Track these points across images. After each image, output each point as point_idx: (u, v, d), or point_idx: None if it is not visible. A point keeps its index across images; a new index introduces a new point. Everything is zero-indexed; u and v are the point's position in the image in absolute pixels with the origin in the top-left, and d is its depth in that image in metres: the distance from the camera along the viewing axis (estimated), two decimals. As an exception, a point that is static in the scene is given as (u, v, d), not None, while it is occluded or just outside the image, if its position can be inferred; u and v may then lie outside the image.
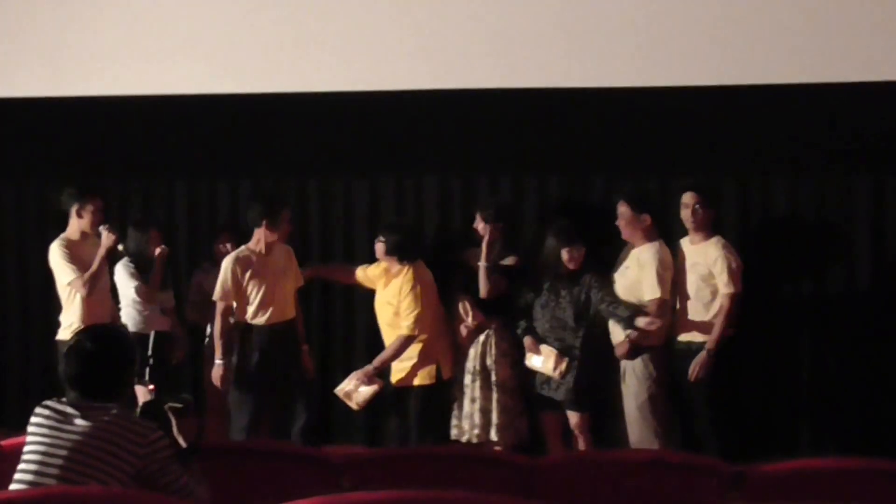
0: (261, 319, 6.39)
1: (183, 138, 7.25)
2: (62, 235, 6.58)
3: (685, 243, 6.44)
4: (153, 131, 7.25)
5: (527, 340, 6.38)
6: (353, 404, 6.39)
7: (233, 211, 7.29)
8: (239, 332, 6.43)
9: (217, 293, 6.43)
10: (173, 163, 7.33)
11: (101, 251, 6.41)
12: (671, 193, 6.63)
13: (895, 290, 6.72)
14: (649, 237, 6.42)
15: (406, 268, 6.34)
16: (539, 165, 7.03)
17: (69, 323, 6.48)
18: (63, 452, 3.49)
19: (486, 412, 6.34)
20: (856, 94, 6.60)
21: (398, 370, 6.41)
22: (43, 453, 3.52)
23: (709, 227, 6.39)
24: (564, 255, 6.29)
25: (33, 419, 3.58)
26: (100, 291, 6.54)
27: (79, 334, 3.73)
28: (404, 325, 6.32)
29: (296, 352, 6.51)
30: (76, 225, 6.56)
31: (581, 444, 6.37)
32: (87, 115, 7.27)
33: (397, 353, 6.34)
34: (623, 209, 6.42)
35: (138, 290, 6.63)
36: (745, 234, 6.78)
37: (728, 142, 6.83)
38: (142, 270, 6.73)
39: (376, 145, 7.12)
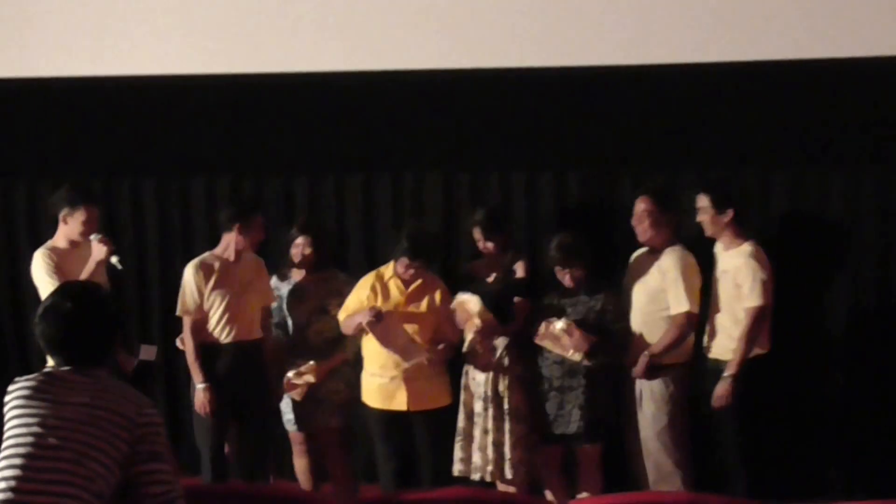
0: (225, 337, 5.90)
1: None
2: (47, 244, 5.94)
3: (718, 249, 5.99)
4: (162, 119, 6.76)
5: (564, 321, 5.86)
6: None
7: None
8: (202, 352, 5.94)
9: (181, 307, 5.91)
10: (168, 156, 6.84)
11: (91, 264, 5.78)
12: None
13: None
14: (670, 240, 5.97)
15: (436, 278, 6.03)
16: (542, 158, 6.61)
17: None
18: (60, 425, 3.27)
19: (499, 445, 5.88)
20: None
21: (413, 391, 5.91)
22: (38, 425, 3.28)
23: (734, 230, 5.90)
24: (561, 275, 5.92)
25: (16, 393, 3.35)
26: None
27: (55, 293, 3.49)
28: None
29: (260, 377, 5.99)
30: (64, 232, 5.91)
31: (589, 480, 5.97)
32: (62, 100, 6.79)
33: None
34: (645, 206, 5.96)
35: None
36: (774, 236, 6.29)
37: (756, 128, 6.37)
38: None
39: (373, 134, 6.69)
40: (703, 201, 5.90)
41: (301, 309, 6.09)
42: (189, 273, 5.88)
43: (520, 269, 6.01)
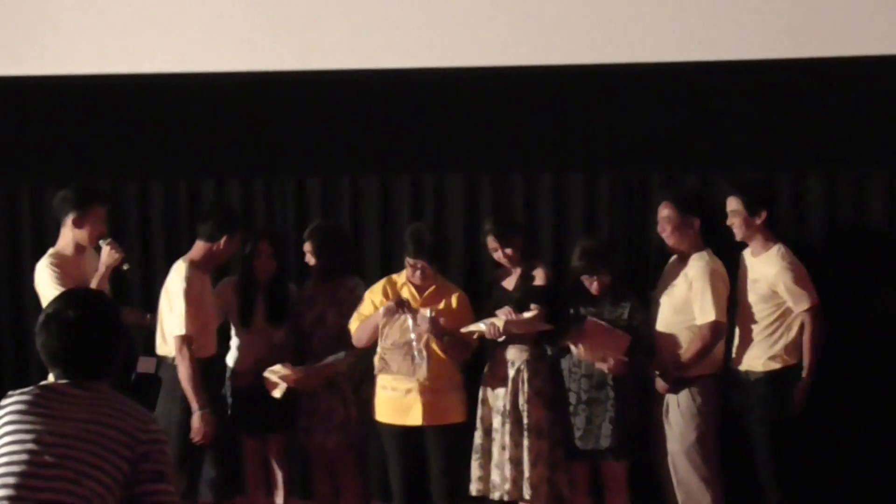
0: (204, 352, 5.65)
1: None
2: (52, 251, 5.63)
3: (747, 255, 5.86)
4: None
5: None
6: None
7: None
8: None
9: (187, 324, 5.54)
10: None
11: (101, 269, 5.54)
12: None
13: None
14: (696, 246, 5.83)
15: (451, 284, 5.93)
16: (569, 160, 6.52)
17: None
18: (57, 442, 3.16)
19: (517, 463, 5.73)
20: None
21: (429, 405, 5.78)
22: (34, 442, 3.16)
23: (765, 234, 5.78)
24: (588, 282, 5.80)
25: (10, 407, 3.24)
26: None
27: (57, 301, 3.36)
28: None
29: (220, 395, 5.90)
30: (73, 236, 5.60)
31: (616, 499, 5.89)
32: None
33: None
34: (667, 212, 5.84)
35: None
36: (807, 238, 6.23)
37: (785, 127, 6.25)
38: None
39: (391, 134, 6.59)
40: (733, 204, 5.77)
41: (307, 317, 5.94)
42: (186, 284, 5.57)
43: (539, 276, 5.87)
